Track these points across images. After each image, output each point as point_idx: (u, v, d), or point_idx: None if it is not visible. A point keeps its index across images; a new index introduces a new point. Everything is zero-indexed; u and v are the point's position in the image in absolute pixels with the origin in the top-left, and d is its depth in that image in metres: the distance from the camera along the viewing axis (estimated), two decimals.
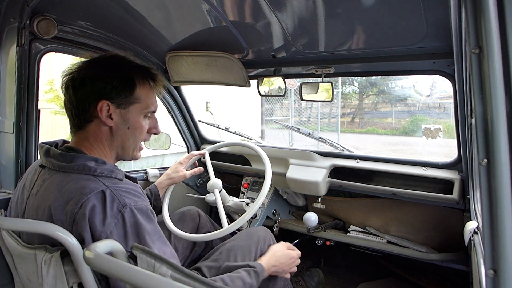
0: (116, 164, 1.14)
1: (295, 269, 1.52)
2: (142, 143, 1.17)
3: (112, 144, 1.08)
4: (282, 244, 1.54)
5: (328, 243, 2.09)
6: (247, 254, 1.42)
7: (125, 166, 6.52)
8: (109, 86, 1.02)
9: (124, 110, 1.06)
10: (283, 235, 2.27)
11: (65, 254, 0.88)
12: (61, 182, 0.95)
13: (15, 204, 1.10)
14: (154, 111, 1.15)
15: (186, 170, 1.81)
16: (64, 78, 1.05)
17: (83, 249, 0.82)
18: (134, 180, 1.10)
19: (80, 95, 1.03)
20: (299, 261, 1.55)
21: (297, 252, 1.54)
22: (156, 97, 1.17)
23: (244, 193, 2.33)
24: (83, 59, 1.11)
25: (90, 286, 0.87)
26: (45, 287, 0.89)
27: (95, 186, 0.92)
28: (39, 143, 1.11)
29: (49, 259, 0.88)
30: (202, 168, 1.81)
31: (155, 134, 1.17)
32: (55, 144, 1.10)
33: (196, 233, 1.69)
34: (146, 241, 0.93)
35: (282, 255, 1.46)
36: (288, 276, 1.52)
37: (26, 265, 0.94)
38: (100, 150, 1.07)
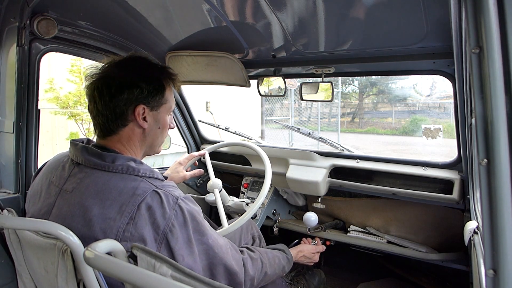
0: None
1: (312, 263, 1.79)
2: None
3: (143, 144, 1.14)
4: (307, 246, 1.78)
5: (328, 243, 2.09)
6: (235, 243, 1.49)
7: None
8: (146, 91, 1.07)
9: (156, 112, 1.12)
10: (283, 235, 2.28)
11: None
12: (108, 181, 0.97)
13: (38, 199, 1.09)
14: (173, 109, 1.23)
15: (186, 171, 1.80)
16: (95, 84, 1.06)
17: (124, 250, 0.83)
18: (165, 177, 1.15)
19: (118, 101, 1.05)
20: (316, 259, 1.79)
21: (317, 249, 1.81)
22: None
23: (244, 193, 2.33)
24: (83, 59, 1.11)
25: (91, 285, 0.87)
26: (58, 278, 0.91)
27: (145, 186, 0.97)
28: (70, 140, 1.13)
29: (65, 250, 0.89)
30: (202, 170, 1.80)
31: (171, 128, 1.24)
32: (81, 142, 1.12)
33: None
34: (202, 224, 1.02)
35: (305, 254, 1.73)
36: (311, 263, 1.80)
37: (46, 255, 0.95)
38: (132, 151, 1.12)
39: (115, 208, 0.93)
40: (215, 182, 1.71)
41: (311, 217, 1.91)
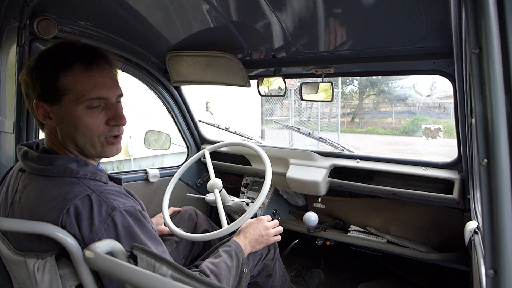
0: (102, 161, 1.08)
1: (278, 237, 1.52)
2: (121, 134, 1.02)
3: (67, 144, 0.96)
4: (255, 219, 1.53)
5: (328, 243, 2.08)
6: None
7: (125, 166, 6.52)
8: (33, 85, 0.91)
9: (57, 106, 0.91)
10: (283, 235, 2.27)
11: (60, 258, 0.87)
12: (43, 187, 0.89)
13: None
14: (103, 98, 0.94)
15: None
16: None
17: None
18: (118, 181, 1.03)
19: (27, 98, 0.95)
20: (280, 228, 1.55)
21: (272, 222, 1.54)
22: (111, 78, 0.97)
23: (244, 193, 2.33)
24: None
25: (89, 286, 0.87)
26: None
27: (79, 190, 0.86)
28: (17, 145, 1.04)
29: (42, 265, 0.86)
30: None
31: (118, 125, 0.98)
32: (35, 144, 1.03)
33: (194, 232, 1.69)
34: (143, 243, 0.89)
35: (253, 229, 1.46)
36: (274, 240, 1.51)
37: (19, 270, 0.92)
38: (68, 150, 0.98)
39: (48, 218, 0.84)
40: (215, 182, 1.71)
41: (311, 217, 1.91)
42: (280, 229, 1.56)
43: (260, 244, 1.46)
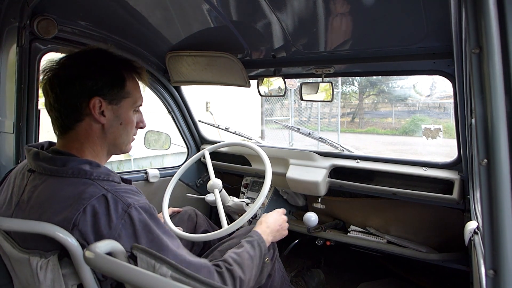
0: (109, 159, 1.13)
1: (287, 232, 1.54)
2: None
3: (104, 142, 1.05)
4: (273, 212, 1.55)
5: (328, 243, 2.09)
6: None
7: (124, 166, 6.52)
8: (100, 82, 0.98)
9: (116, 106, 1.02)
10: None
11: (62, 257, 0.88)
12: (57, 187, 0.92)
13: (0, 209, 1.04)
14: (141, 105, 1.12)
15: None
16: (47, 76, 0.99)
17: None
18: (128, 182, 1.08)
19: (69, 93, 0.97)
20: (287, 225, 1.56)
21: (283, 217, 1.56)
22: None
23: (244, 193, 2.33)
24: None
25: (90, 286, 0.87)
26: None
27: (94, 190, 0.90)
28: (24, 146, 1.07)
29: (45, 264, 0.87)
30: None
31: (141, 128, 1.15)
32: (41, 146, 1.05)
33: (193, 232, 1.69)
34: (159, 237, 0.92)
35: (273, 219, 1.48)
36: (286, 234, 1.53)
37: (22, 268, 0.93)
38: (92, 150, 1.03)
39: (60, 216, 0.87)
40: (215, 182, 1.71)
41: (311, 217, 1.91)
42: (288, 224, 1.57)
43: (279, 236, 1.48)
